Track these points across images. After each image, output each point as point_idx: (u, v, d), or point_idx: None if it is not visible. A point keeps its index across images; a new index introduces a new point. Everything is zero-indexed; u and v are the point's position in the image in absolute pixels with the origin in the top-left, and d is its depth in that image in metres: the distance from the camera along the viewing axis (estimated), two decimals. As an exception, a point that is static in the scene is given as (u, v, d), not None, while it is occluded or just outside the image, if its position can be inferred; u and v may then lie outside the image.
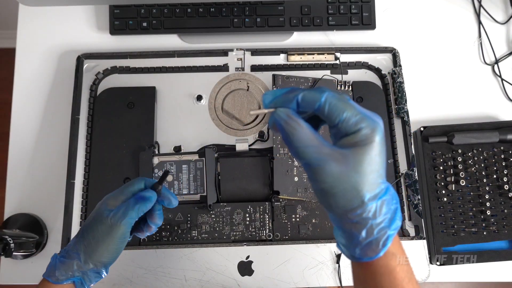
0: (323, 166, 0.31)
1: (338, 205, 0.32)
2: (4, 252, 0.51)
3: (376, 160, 0.31)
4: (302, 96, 0.32)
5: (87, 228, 0.43)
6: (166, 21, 0.66)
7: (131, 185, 0.46)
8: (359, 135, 0.31)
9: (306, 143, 0.32)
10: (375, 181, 0.31)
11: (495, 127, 0.62)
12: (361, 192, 0.31)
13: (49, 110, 0.64)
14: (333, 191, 0.31)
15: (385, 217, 0.32)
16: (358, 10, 0.67)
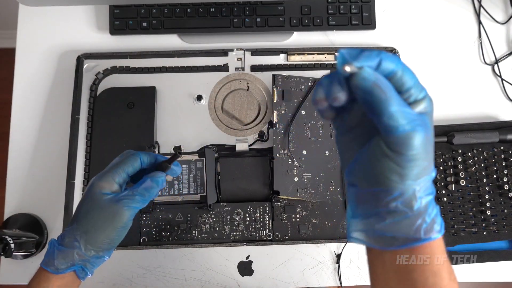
0: (415, 130, 0.28)
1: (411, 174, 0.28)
2: (4, 252, 0.51)
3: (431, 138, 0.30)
4: (383, 56, 0.30)
5: (85, 215, 0.39)
6: (166, 21, 0.66)
7: (125, 165, 0.41)
8: (425, 102, 0.31)
9: (399, 105, 0.28)
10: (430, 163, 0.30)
11: (495, 127, 0.62)
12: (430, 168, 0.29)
13: (49, 110, 0.64)
14: (418, 157, 0.28)
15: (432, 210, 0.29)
16: (358, 10, 0.67)
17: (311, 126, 0.61)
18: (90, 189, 0.40)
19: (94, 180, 0.41)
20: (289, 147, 0.59)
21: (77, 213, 0.40)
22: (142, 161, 0.42)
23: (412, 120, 0.28)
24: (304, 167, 0.60)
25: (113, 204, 0.39)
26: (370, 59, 0.29)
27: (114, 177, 0.41)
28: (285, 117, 0.61)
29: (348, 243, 0.56)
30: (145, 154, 0.43)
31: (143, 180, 0.41)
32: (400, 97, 0.29)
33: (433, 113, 0.31)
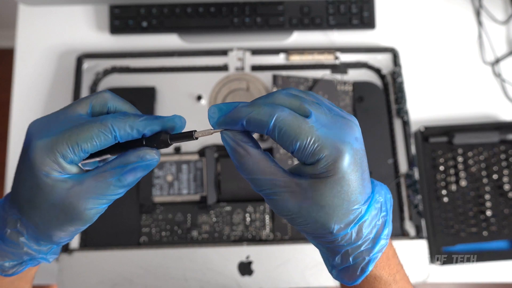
0: (280, 199, 0.27)
1: (307, 231, 0.28)
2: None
3: (344, 190, 0.27)
4: (247, 119, 0.26)
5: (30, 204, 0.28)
6: (166, 21, 0.66)
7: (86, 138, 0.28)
8: (317, 167, 0.26)
9: (257, 172, 0.27)
10: (346, 211, 0.27)
11: (496, 127, 0.62)
12: (328, 225, 0.27)
13: (49, 110, 0.64)
14: (296, 222, 0.28)
15: (366, 239, 0.28)
16: (358, 10, 0.67)
17: (311, 126, 0.61)
18: (32, 166, 0.27)
19: (35, 153, 0.27)
20: (289, 147, 0.59)
21: (16, 195, 0.29)
22: (119, 136, 0.28)
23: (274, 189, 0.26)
24: (304, 167, 0.60)
25: (72, 199, 0.27)
26: (231, 123, 0.27)
27: (67, 155, 0.27)
28: (285, 117, 0.61)
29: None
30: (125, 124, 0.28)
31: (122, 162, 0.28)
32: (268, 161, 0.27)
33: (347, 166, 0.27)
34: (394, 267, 0.31)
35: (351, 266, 0.29)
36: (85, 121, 0.28)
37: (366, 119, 0.62)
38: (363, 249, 0.28)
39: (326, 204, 0.27)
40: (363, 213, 0.28)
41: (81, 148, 0.27)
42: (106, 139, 0.28)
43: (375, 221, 0.29)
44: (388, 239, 0.29)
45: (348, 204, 0.27)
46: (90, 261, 0.55)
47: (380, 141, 0.61)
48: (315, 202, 0.27)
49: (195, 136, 0.28)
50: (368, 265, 0.28)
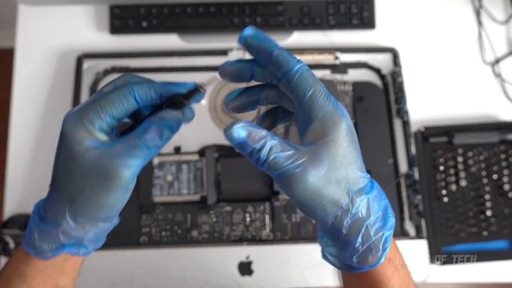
0: (301, 171, 0.27)
1: (326, 211, 0.28)
2: (4, 252, 0.51)
3: (350, 150, 0.28)
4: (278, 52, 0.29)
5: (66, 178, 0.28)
6: (166, 21, 0.66)
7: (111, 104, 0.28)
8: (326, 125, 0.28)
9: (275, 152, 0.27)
10: (357, 174, 0.28)
11: (495, 127, 0.62)
12: (346, 188, 0.27)
13: (49, 110, 0.64)
14: (320, 194, 0.27)
15: (377, 215, 0.28)
16: (358, 10, 0.67)
17: (311, 126, 0.61)
18: (64, 139, 0.28)
19: (67, 126, 0.28)
20: (289, 147, 0.59)
21: (55, 176, 0.29)
22: (138, 97, 0.29)
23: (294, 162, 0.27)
24: (304, 167, 0.60)
25: (104, 161, 0.27)
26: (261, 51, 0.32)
27: (95, 121, 0.28)
28: (285, 117, 0.61)
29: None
30: (143, 85, 0.29)
31: (146, 125, 0.29)
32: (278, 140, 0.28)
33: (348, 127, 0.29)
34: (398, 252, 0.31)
35: (372, 243, 0.28)
36: (107, 91, 0.29)
37: (366, 119, 0.62)
38: (378, 225, 0.28)
39: (339, 164, 0.27)
40: (370, 185, 0.29)
41: (106, 113, 0.28)
42: (127, 101, 0.29)
43: (381, 199, 0.29)
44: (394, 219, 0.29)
45: (356, 167, 0.28)
46: (90, 261, 0.55)
47: (380, 141, 0.61)
48: (331, 164, 0.27)
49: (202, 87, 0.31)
50: (386, 242, 0.28)
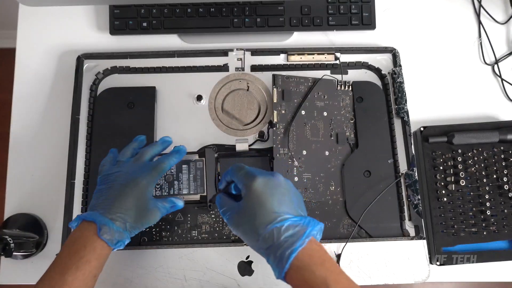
0: (228, 215, 0.45)
1: (248, 241, 0.43)
2: (4, 252, 0.51)
3: (261, 202, 0.42)
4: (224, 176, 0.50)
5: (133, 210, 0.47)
6: (166, 21, 0.66)
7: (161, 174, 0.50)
8: (243, 186, 0.44)
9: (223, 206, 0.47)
10: (264, 216, 0.41)
11: (495, 127, 0.62)
12: (254, 225, 0.41)
13: (49, 110, 0.64)
14: (238, 231, 0.44)
15: (286, 239, 0.40)
16: (358, 10, 0.67)
17: (311, 126, 0.61)
18: (136, 185, 0.48)
19: (138, 179, 0.48)
20: (289, 147, 0.59)
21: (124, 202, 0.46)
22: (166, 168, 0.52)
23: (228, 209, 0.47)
24: (304, 167, 0.60)
25: (157, 207, 0.49)
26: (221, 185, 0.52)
27: (154, 181, 0.49)
28: (285, 117, 0.61)
29: (348, 243, 0.56)
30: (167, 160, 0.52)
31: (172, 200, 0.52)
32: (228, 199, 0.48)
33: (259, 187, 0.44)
34: (317, 259, 0.40)
35: (279, 258, 0.40)
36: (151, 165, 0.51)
37: (366, 119, 0.62)
38: (284, 245, 0.40)
39: (249, 208, 0.42)
40: (283, 221, 0.41)
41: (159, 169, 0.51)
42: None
43: (296, 229, 0.40)
44: (305, 243, 0.40)
45: (264, 210, 0.41)
46: (90, 261, 0.54)
47: (380, 141, 0.61)
48: (244, 210, 0.43)
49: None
50: (289, 257, 0.39)
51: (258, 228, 0.41)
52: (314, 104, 0.62)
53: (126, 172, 0.49)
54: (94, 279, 0.44)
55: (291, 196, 0.44)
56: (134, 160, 0.51)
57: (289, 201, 0.43)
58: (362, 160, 0.61)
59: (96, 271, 0.44)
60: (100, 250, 0.44)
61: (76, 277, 0.42)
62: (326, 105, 0.62)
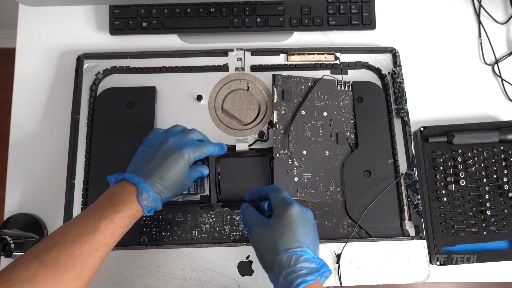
0: (254, 227, 0.46)
1: (264, 257, 0.44)
2: (4, 252, 0.51)
3: (292, 227, 0.44)
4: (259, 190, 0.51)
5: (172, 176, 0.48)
6: (166, 21, 0.66)
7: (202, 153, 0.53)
8: (278, 207, 0.46)
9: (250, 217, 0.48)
10: (290, 240, 0.43)
11: (495, 127, 0.62)
12: (277, 244, 0.43)
13: (49, 110, 0.64)
14: (259, 245, 0.45)
15: (301, 269, 0.42)
16: (358, 10, 0.67)
17: (311, 126, 0.61)
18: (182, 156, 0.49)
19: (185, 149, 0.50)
20: (289, 147, 0.59)
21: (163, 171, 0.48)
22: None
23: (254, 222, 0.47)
24: (304, 167, 0.60)
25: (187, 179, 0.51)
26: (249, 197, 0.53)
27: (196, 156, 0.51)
28: (285, 117, 0.61)
29: (348, 243, 0.56)
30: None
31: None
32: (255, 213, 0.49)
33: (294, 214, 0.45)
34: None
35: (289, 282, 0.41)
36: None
37: (366, 119, 0.62)
38: (299, 273, 0.42)
39: (278, 230, 0.44)
40: (303, 252, 0.43)
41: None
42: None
43: (311, 265, 0.43)
44: (316, 280, 0.42)
45: (292, 237, 0.43)
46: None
47: (380, 141, 0.61)
48: (272, 228, 0.45)
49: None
50: (300, 284, 0.41)
51: (280, 248, 0.43)
52: (314, 104, 0.62)
53: (173, 141, 0.50)
54: (120, 236, 0.45)
55: (315, 235, 0.46)
56: (183, 133, 0.53)
57: (313, 239, 0.45)
58: (362, 160, 0.61)
59: (125, 229, 0.46)
60: (135, 212, 0.46)
61: (108, 228, 0.43)
62: (326, 105, 0.62)
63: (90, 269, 0.42)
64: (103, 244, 0.43)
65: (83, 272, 0.41)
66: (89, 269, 0.42)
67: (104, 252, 0.43)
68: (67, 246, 0.41)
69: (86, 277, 0.42)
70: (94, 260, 0.42)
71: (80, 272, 0.41)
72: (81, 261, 0.41)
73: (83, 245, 0.41)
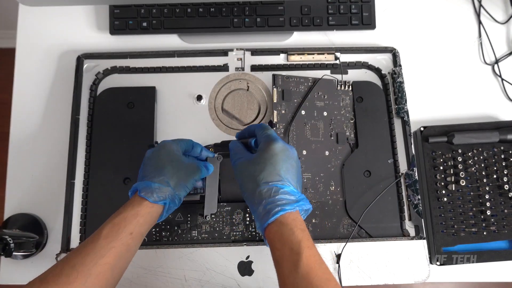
0: (239, 160, 0.48)
1: (246, 188, 0.46)
2: (4, 252, 0.51)
3: (273, 161, 0.45)
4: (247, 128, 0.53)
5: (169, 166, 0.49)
6: (166, 21, 0.66)
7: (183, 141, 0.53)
8: (263, 143, 0.47)
9: (237, 152, 0.49)
10: (271, 174, 0.44)
11: (495, 127, 0.62)
12: (258, 177, 0.44)
13: (49, 110, 0.64)
14: (241, 176, 0.47)
15: (280, 200, 0.43)
16: (358, 10, 0.67)
17: (311, 126, 0.61)
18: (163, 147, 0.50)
19: (164, 142, 0.51)
20: (289, 147, 0.59)
21: (155, 166, 0.49)
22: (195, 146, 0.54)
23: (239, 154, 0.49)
24: (304, 167, 0.60)
25: (194, 162, 0.51)
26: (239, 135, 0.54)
27: (180, 145, 0.52)
28: (285, 117, 0.61)
29: (348, 243, 0.56)
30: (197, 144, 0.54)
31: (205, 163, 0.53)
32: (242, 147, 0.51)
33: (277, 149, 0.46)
34: (299, 225, 0.43)
35: (267, 210, 0.43)
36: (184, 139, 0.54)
37: (366, 119, 0.62)
38: (278, 203, 0.43)
39: (260, 163, 0.45)
40: (283, 185, 0.44)
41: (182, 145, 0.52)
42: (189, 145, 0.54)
43: (291, 197, 0.44)
44: (295, 209, 0.43)
45: (273, 169, 0.45)
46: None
47: (380, 141, 0.61)
48: (254, 161, 0.46)
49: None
50: (278, 212, 0.42)
51: (260, 180, 0.44)
52: (314, 104, 0.62)
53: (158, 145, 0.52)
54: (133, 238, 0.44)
55: (297, 171, 0.47)
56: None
57: (294, 174, 0.46)
58: (362, 160, 0.61)
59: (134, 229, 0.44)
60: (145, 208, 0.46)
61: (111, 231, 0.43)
62: (326, 105, 0.62)
63: (98, 278, 0.40)
64: (108, 249, 0.42)
65: (89, 282, 0.39)
66: (96, 278, 0.40)
67: (112, 258, 0.41)
68: (69, 259, 0.41)
69: (93, 286, 0.40)
70: (101, 268, 0.40)
71: (85, 282, 0.39)
72: (85, 270, 0.40)
73: (85, 255, 0.41)
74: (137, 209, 0.45)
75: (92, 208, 0.58)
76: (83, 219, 0.58)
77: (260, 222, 0.44)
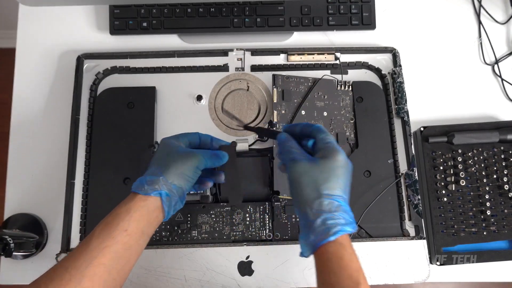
0: (300, 161, 0.43)
1: (303, 194, 0.42)
2: (4, 252, 0.51)
3: (337, 173, 0.42)
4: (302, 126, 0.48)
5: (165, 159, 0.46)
6: (166, 21, 0.66)
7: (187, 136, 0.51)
8: (326, 150, 0.44)
9: (293, 148, 0.45)
10: (334, 186, 0.41)
11: (495, 127, 0.62)
12: (321, 186, 0.41)
13: (49, 110, 0.64)
14: (301, 179, 0.42)
15: (340, 218, 0.40)
16: (358, 10, 0.67)
17: (311, 126, 0.61)
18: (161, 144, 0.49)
19: (163, 139, 0.49)
20: (289, 147, 0.59)
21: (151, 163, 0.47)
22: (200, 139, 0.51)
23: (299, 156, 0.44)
24: (304, 167, 0.59)
25: (189, 151, 0.48)
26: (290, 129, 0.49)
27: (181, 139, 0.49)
28: (285, 117, 0.61)
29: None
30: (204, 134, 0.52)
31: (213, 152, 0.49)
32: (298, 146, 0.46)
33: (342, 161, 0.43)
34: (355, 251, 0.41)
35: (327, 228, 0.40)
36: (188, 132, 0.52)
37: (366, 119, 0.62)
38: (337, 221, 0.40)
39: (325, 171, 0.42)
40: (343, 202, 0.42)
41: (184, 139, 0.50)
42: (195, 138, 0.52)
43: (347, 217, 0.41)
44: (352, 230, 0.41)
45: (336, 184, 0.42)
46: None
47: (380, 141, 0.61)
48: (318, 168, 0.42)
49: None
50: (338, 231, 0.40)
51: (323, 190, 0.41)
52: (314, 104, 0.62)
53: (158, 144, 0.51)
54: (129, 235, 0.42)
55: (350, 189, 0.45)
56: None
57: (349, 192, 0.44)
58: (362, 160, 0.61)
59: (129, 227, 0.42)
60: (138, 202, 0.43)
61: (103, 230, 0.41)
62: (326, 105, 0.62)
63: (93, 279, 0.39)
64: (101, 249, 0.40)
65: (83, 284, 0.38)
66: (90, 280, 0.38)
67: (107, 259, 0.40)
68: (63, 261, 0.39)
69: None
70: (95, 269, 0.39)
71: (78, 284, 0.38)
72: (77, 273, 0.38)
73: (78, 257, 0.39)
74: (129, 205, 0.43)
75: (92, 208, 0.58)
76: (83, 219, 0.58)
77: (314, 235, 0.40)
